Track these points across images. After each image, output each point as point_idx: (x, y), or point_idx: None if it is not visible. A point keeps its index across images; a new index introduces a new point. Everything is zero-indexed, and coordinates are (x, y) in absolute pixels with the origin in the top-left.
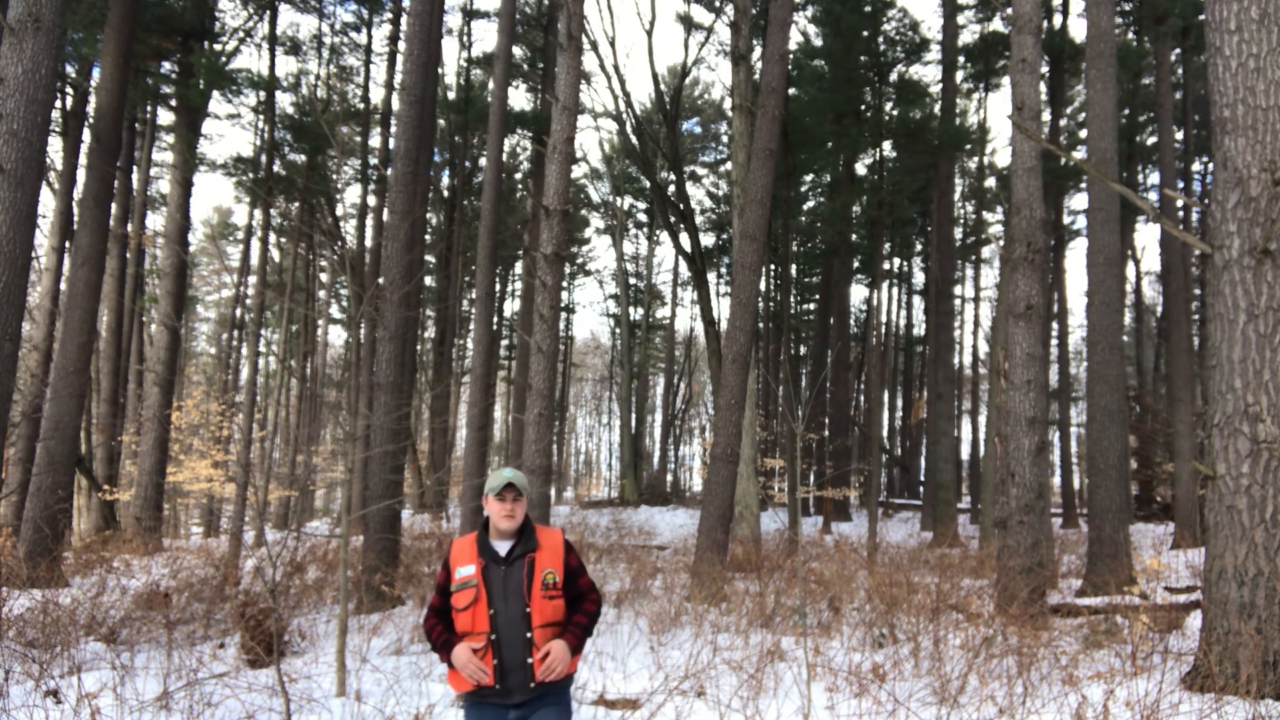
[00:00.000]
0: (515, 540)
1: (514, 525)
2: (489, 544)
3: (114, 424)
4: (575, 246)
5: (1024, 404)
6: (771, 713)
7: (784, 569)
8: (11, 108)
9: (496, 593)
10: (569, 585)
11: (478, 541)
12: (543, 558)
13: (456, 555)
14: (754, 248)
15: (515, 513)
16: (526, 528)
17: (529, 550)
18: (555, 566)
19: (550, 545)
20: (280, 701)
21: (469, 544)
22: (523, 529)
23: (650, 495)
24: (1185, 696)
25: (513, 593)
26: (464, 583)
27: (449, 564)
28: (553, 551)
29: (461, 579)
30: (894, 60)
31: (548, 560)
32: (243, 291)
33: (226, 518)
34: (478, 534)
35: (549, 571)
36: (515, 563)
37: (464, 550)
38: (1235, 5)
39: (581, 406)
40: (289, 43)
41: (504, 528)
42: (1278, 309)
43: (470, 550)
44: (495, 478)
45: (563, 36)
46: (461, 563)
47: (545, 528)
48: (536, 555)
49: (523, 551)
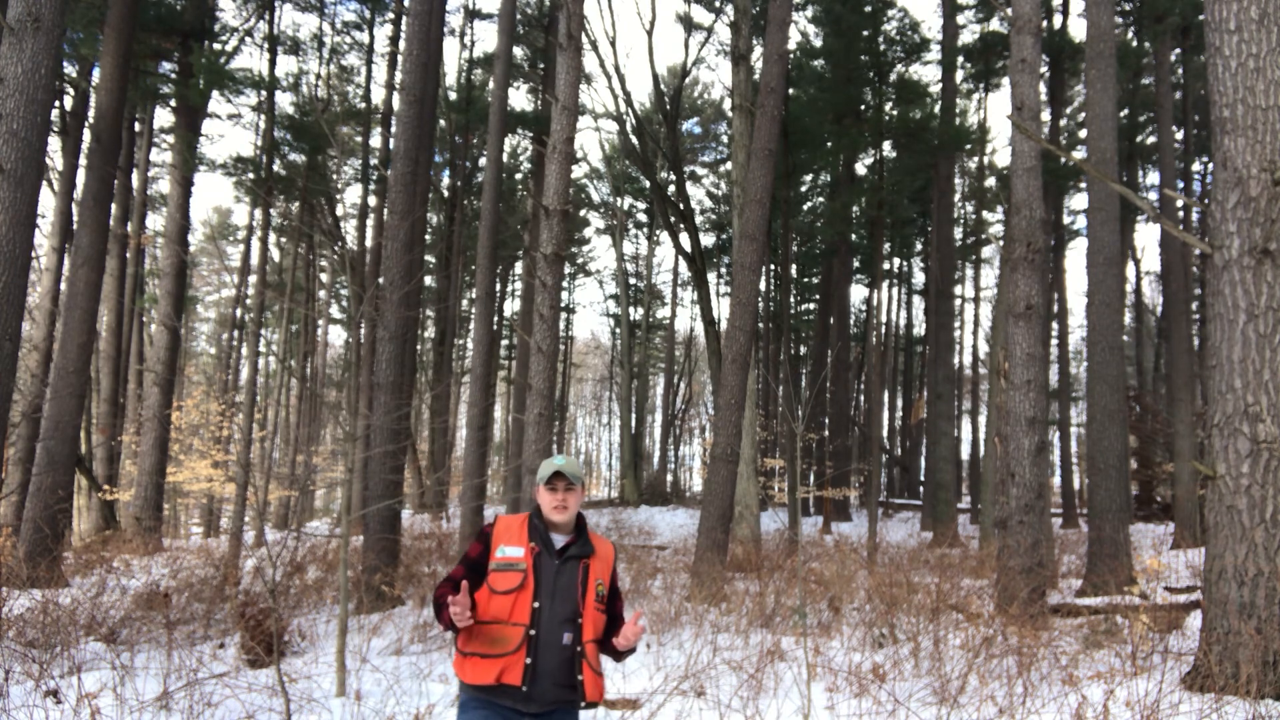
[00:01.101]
0: (572, 538)
1: (567, 518)
2: (544, 532)
3: (114, 424)
4: (575, 246)
5: (1024, 404)
6: (771, 713)
7: (784, 569)
8: (11, 108)
9: (545, 586)
10: (611, 602)
11: (530, 525)
12: (597, 567)
13: (503, 532)
14: (754, 248)
15: (568, 503)
16: (582, 528)
17: (585, 554)
18: (605, 579)
19: (603, 556)
20: (280, 701)
21: (519, 524)
22: (579, 528)
23: (650, 495)
24: (1185, 696)
25: (563, 592)
26: (510, 564)
27: (489, 539)
28: (605, 563)
29: (507, 559)
30: (894, 60)
31: (600, 571)
32: (243, 291)
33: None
34: (529, 517)
35: (600, 583)
36: (569, 562)
37: (512, 529)
38: (1235, 5)
39: (581, 406)
40: (289, 42)
41: (557, 520)
42: (1278, 309)
43: (520, 531)
44: (545, 466)
45: (563, 36)
46: (509, 541)
47: (599, 536)
48: (592, 563)
49: (579, 554)
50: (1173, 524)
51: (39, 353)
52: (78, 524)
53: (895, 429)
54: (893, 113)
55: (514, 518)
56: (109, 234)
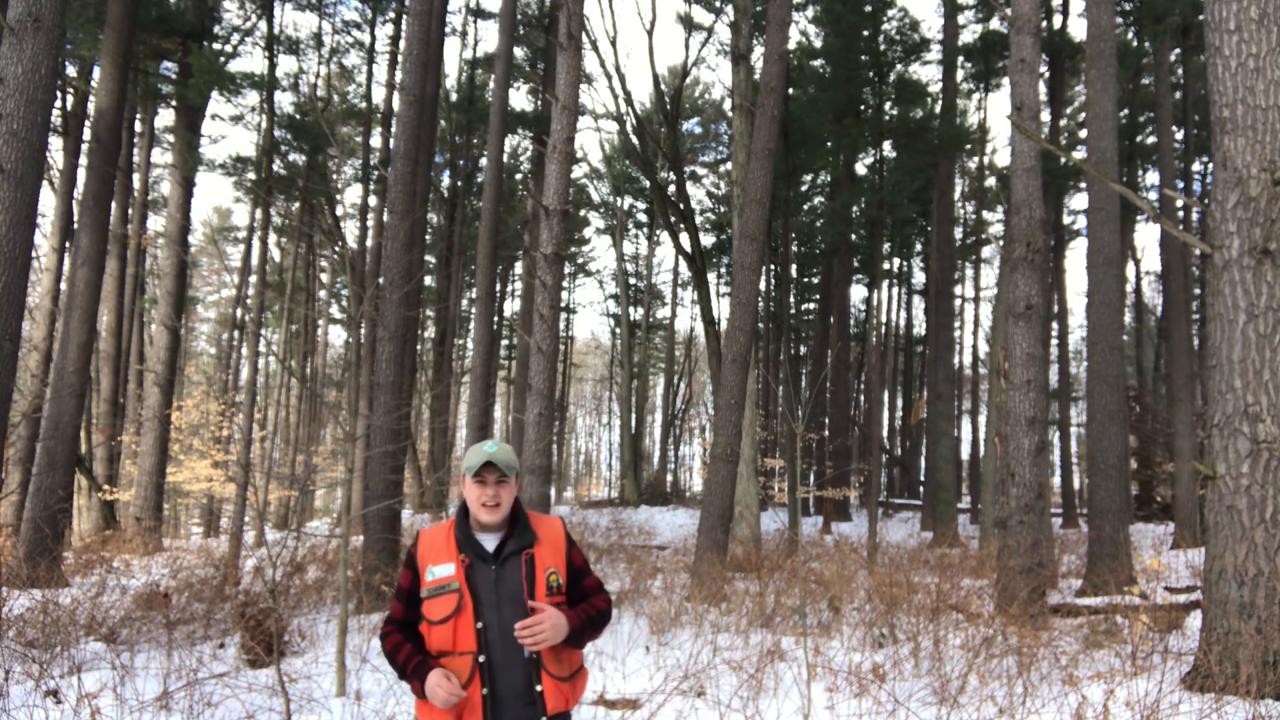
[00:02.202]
0: (506, 532)
1: (498, 517)
2: (471, 536)
3: (114, 424)
4: (575, 246)
5: (1024, 404)
6: (771, 713)
7: (784, 569)
8: (11, 108)
9: (486, 600)
10: (572, 587)
11: (455, 533)
12: (543, 554)
13: (427, 549)
14: (754, 248)
15: (500, 498)
16: (519, 516)
17: (525, 544)
18: (558, 565)
19: (550, 538)
20: (280, 701)
21: (443, 535)
22: (515, 517)
23: (650, 495)
24: (1185, 696)
25: (508, 599)
26: (440, 586)
27: (415, 561)
28: (554, 546)
29: (437, 581)
30: (894, 60)
31: (549, 557)
32: (243, 291)
33: (226, 518)
34: (454, 522)
35: (552, 571)
36: (509, 560)
37: (436, 543)
38: (1235, 5)
39: (581, 406)
40: (289, 42)
41: (486, 519)
42: (1278, 309)
43: (446, 543)
44: (472, 454)
45: (563, 36)
46: (435, 559)
47: (541, 515)
48: (536, 550)
49: (518, 546)
50: (1173, 524)
51: (39, 353)
52: (78, 524)
53: (895, 429)
54: (893, 113)
55: (438, 529)
56: (109, 234)
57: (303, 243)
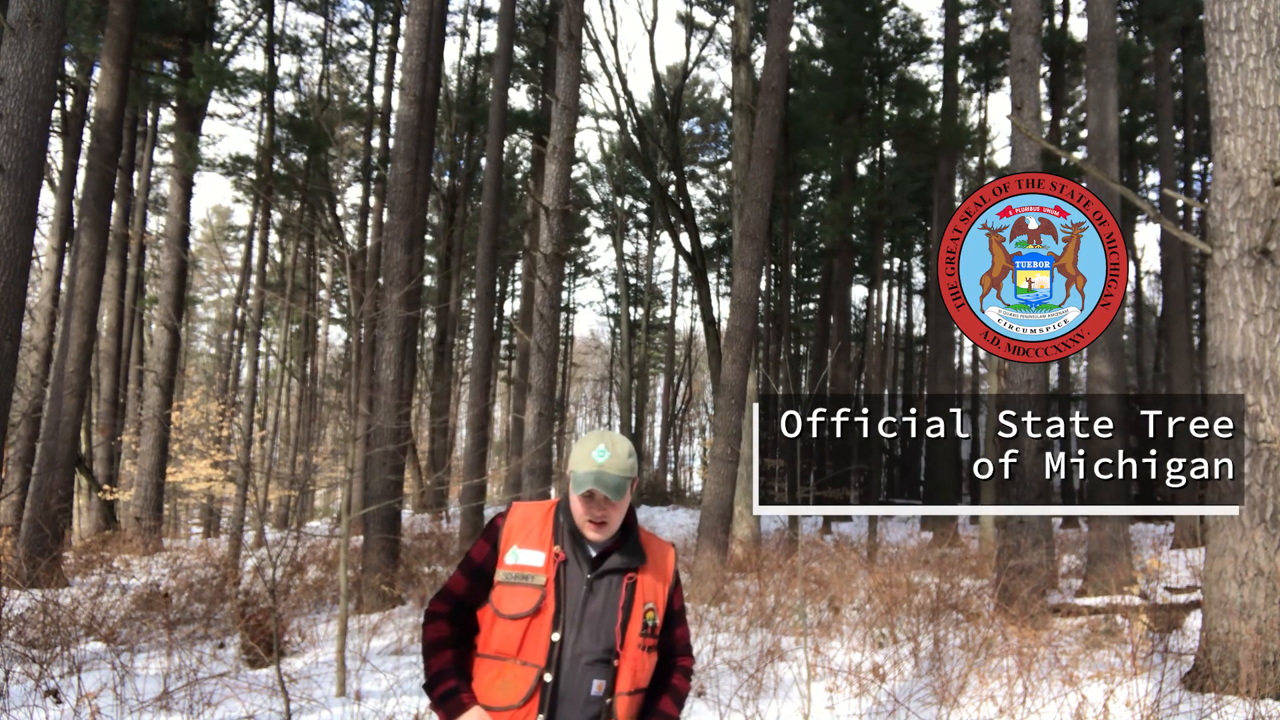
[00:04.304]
0: (615, 542)
1: (605, 536)
2: (578, 532)
3: (114, 424)
4: (575, 246)
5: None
6: (771, 713)
7: (784, 569)
8: (11, 108)
9: (570, 610)
10: (665, 632)
11: (555, 519)
12: (647, 583)
13: (518, 527)
14: (754, 247)
15: (610, 518)
16: (630, 529)
17: (632, 566)
18: (658, 602)
19: (659, 568)
20: (280, 701)
21: (540, 518)
22: (625, 529)
23: (650, 495)
24: (1185, 696)
25: (592, 620)
26: (524, 575)
27: (499, 535)
28: (660, 578)
29: (521, 568)
30: (895, 60)
31: (651, 590)
32: (243, 291)
33: (226, 518)
34: (556, 507)
35: (650, 608)
36: (608, 577)
37: (531, 524)
38: (1235, 5)
39: (581, 406)
40: (289, 42)
41: (590, 538)
42: (1278, 309)
43: (542, 527)
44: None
45: (563, 36)
46: (525, 542)
47: (654, 537)
48: (641, 576)
49: (623, 565)
50: (1173, 524)
51: (39, 353)
52: (78, 524)
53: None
54: (893, 112)
55: (535, 506)
56: (109, 234)
57: (303, 243)
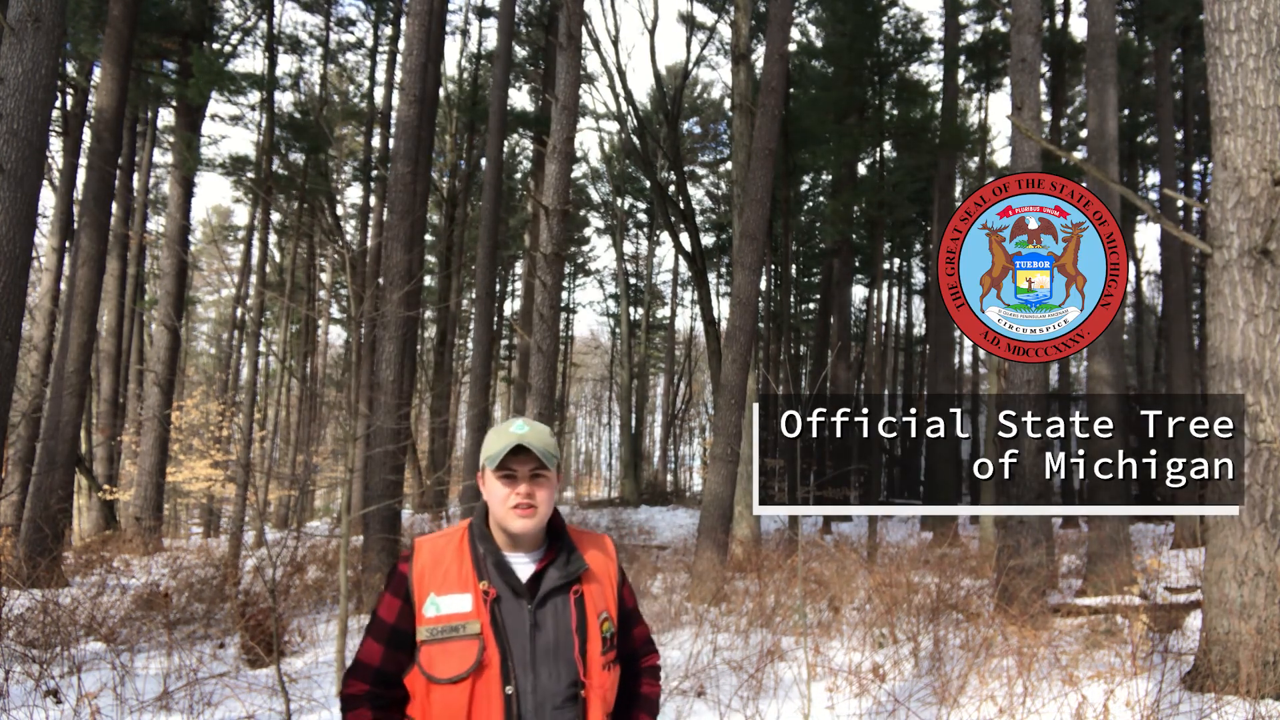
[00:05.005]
0: (547, 554)
1: (533, 525)
2: (501, 557)
3: (114, 424)
4: (575, 246)
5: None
6: (771, 713)
7: (784, 569)
8: (11, 107)
9: (518, 652)
10: (622, 637)
11: (473, 549)
12: (595, 592)
13: (429, 571)
14: (754, 247)
15: (536, 498)
16: (560, 532)
17: (573, 576)
18: (609, 607)
19: (601, 567)
20: (280, 701)
21: (454, 551)
22: (555, 533)
23: (650, 495)
24: (1185, 696)
25: (549, 655)
26: (450, 628)
27: (409, 589)
28: (605, 578)
29: (444, 619)
30: (895, 60)
31: (600, 596)
32: (243, 291)
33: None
34: (468, 533)
35: (604, 617)
36: (552, 599)
37: (444, 562)
38: (1234, 5)
39: (581, 406)
40: (289, 41)
41: (516, 528)
42: (1278, 309)
43: (459, 563)
44: (496, 436)
45: (563, 36)
46: (442, 585)
47: (584, 532)
48: (587, 587)
49: (564, 579)
50: (1173, 524)
51: (39, 353)
52: (78, 524)
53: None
54: (894, 112)
55: (442, 539)
56: (109, 234)
57: (303, 243)
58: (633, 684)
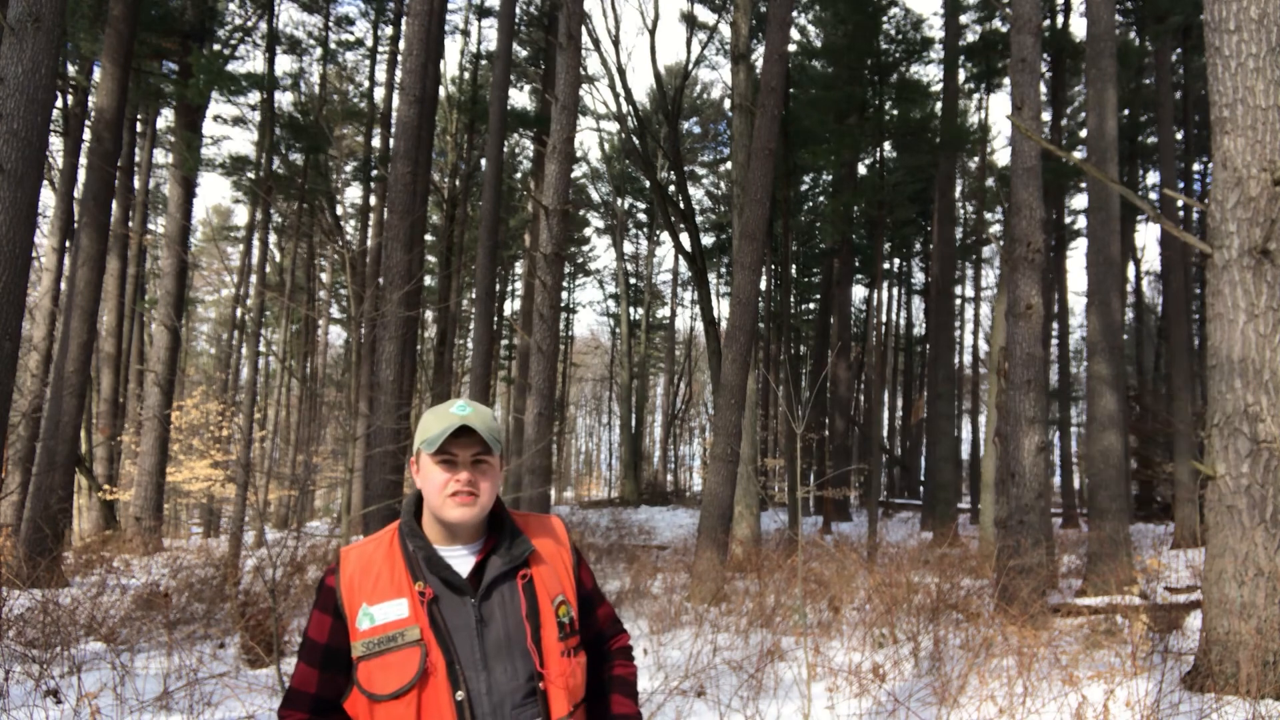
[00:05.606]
0: (486, 543)
1: (472, 515)
2: (434, 554)
3: (114, 424)
4: (575, 246)
5: (1024, 404)
6: (771, 713)
7: (784, 569)
8: (11, 107)
9: (465, 654)
10: (585, 620)
11: (404, 548)
12: (545, 575)
13: (359, 579)
14: (754, 247)
15: (479, 488)
16: (504, 519)
17: (519, 561)
18: (566, 590)
19: (551, 548)
20: (280, 701)
21: (384, 555)
22: (497, 521)
23: (650, 495)
24: (1185, 696)
25: (500, 651)
26: (386, 638)
27: (338, 603)
28: (558, 561)
29: (379, 630)
30: (895, 60)
31: (553, 579)
32: (243, 292)
33: (226, 518)
34: (399, 533)
35: (560, 601)
36: (497, 588)
37: (374, 568)
38: (1234, 5)
39: (581, 406)
40: (289, 42)
41: (454, 517)
42: (1278, 309)
43: (389, 567)
44: (434, 418)
45: (562, 36)
46: (375, 595)
47: (532, 515)
48: (535, 570)
49: (509, 565)
50: (1173, 524)
51: (39, 353)
52: (78, 524)
53: (895, 429)
54: (894, 112)
55: (370, 545)
56: (109, 234)
57: (303, 243)
58: (604, 667)
